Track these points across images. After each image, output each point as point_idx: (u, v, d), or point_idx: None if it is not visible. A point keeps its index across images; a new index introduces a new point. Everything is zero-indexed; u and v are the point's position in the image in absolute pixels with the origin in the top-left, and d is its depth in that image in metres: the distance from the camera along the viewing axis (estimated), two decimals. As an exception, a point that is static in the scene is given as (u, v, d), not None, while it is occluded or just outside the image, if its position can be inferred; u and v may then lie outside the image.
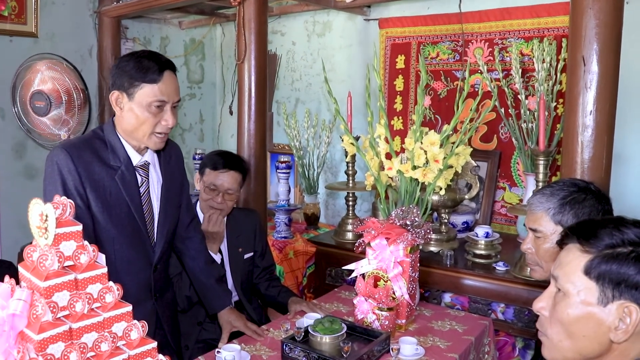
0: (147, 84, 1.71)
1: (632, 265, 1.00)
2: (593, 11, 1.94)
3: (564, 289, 1.06)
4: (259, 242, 2.59)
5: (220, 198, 2.37)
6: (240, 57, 2.83)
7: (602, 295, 1.01)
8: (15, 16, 3.41)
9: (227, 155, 2.45)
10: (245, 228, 2.54)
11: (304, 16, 4.03)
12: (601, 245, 1.03)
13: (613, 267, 1.01)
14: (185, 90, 4.49)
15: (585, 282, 1.03)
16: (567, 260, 1.08)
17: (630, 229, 1.04)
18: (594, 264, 1.03)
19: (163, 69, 1.74)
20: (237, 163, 2.43)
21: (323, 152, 3.69)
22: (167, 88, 1.74)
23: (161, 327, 1.97)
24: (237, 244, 2.51)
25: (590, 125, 1.98)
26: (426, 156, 2.27)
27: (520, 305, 2.40)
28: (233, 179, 2.38)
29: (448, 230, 2.77)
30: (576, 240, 1.08)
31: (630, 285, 0.99)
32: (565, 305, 1.06)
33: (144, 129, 1.76)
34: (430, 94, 3.42)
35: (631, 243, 1.02)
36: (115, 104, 1.76)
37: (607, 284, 1.01)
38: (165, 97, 1.74)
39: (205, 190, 2.38)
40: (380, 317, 1.98)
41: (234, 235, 2.50)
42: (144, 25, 4.17)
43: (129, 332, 1.18)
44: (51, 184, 1.71)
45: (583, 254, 1.05)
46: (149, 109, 1.73)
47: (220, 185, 2.36)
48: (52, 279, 1.07)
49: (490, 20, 3.17)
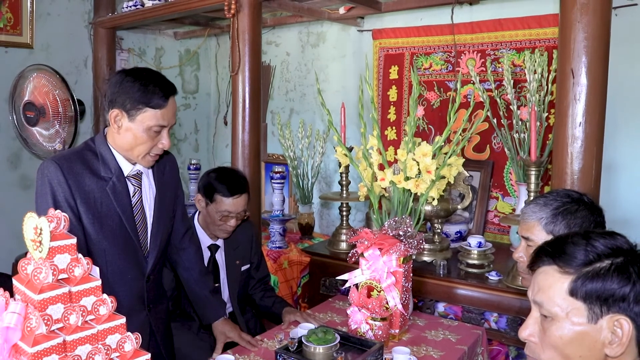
0: (151, 108, 1.73)
1: (615, 278, 1.00)
2: (581, 24, 1.97)
3: (551, 313, 1.06)
4: (255, 253, 2.60)
5: (234, 221, 2.38)
6: (234, 69, 2.85)
7: (591, 313, 1.02)
8: (10, 27, 3.43)
9: (234, 179, 2.40)
10: (242, 239, 2.55)
11: (298, 27, 4.07)
12: (578, 264, 1.04)
13: (598, 285, 1.01)
14: (180, 101, 4.50)
15: (572, 304, 1.03)
16: (548, 284, 1.07)
17: (599, 241, 1.05)
18: (579, 285, 1.02)
19: (168, 95, 1.77)
20: (244, 183, 2.42)
21: (317, 162, 3.71)
22: (168, 114, 1.78)
23: (154, 338, 1.98)
24: (235, 257, 2.51)
25: (579, 136, 2.01)
26: (419, 167, 2.29)
27: (513, 315, 2.41)
28: (244, 200, 2.39)
29: (441, 240, 2.79)
30: (552, 262, 1.08)
31: (617, 298, 1.00)
32: (556, 329, 1.05)
33: (140, 149, 1.78)
34: (423, 104, 3.45)
35: (605, 255, 1.03)
36: (113, 122, 1.76)
37: (594, 301, 1.01)
38: (166, 122, 1.78)
39: (219, 217, 2.36)
40: (373, 327, 1.99)
41: (231, 247, 2.50)
42: (139, 36, 4.19)
43: (123, 344, 1.18)
44: (42, 197, 1.72)
45: (563, 275, 1.05)
46: (148, 132, 1.75)
47: (235, 210, 2.36)
48: (46, 292, 1.08)
49: (483, 31, 3.21)
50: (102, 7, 3.78)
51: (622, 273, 1.01)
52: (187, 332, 2.35)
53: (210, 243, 2.45)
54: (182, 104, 4.52)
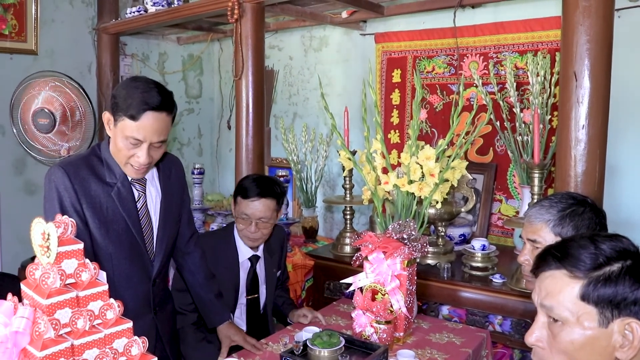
0: (127, 118, 1.70)
1: (627, 282, 1.00)
2: (584, 27, 1.97)
3: (561, 318, 1.05)
4: (283, 256, 2.57)
5: (254, 227, 2.27)
6: (237, 74, 2.87)
7: (602, 317, 1.01)
8: (15, 34, 3.46)
9: (258, 181, 2.32)
10: (275, 246, 2.50)
11: (301, 31, 4.08)
12: (588, 268, 1.03)
13: (610, 290, 1.00)
14: (184, 105, 4.52)
15: (583, 308, 1.02)
16: (557, 288, 1.06)
17: (605, 244, 1.04)
18: (590, 290, 1.01)
19: (145, 110, 1.69)
20: (269, 189, 2.30)
21: (321, 166, 3.72)
22: (145, 129, 1.70)
23: (161, 342, 1.99)
24: (272, 265, 2.45)
25: (582, 139, 2.01)
26: (422, 170, 2.29)
27: (517, 317, 2.41)
28: (265, 206, 2.27)
29: (445, 243, 2.79)
30: (560, 266, 1.06)
31: (629, 302, 1.00)
32: (566, 334, 1.04)
33: (120, 157, 1.77)
34: (426, 107, 3.45)
35: (615, 259, 1.02)
36: (106, 124, 1.78)
37: (606, 306, 1.00)
38: (141, 137, 1.71)
39: (238, 220, 2.31)
40: (378, 330, 1.99)
41: (269, 256, 2.44)
42: (142, 42, 4.21)
43: (130, 348, 1.19)
44: (49, 202, 1.74)
45: (573, 279, 1.04)
46: (125, 141, 1.73)
47: (252, 214, 2.27)
48: (54, 297, 1.09)
49: (485, 34, 3.22)
50: (105, 13, 3.80)
51: (633, 276, 1.00)
52: (194, 336, 2.35)
53: (252, 254, 2.39)
54: (185, 109, 4.54)
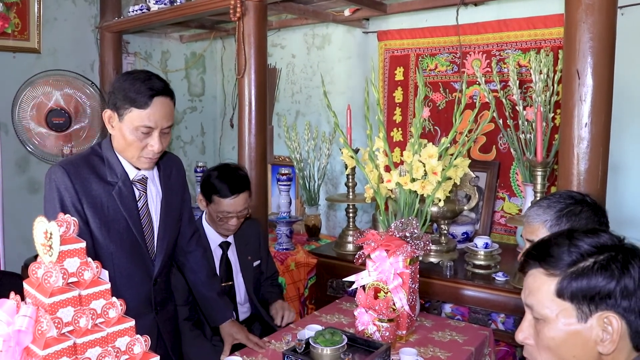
0: (136, 108, 1.70)
1: (599, 276, 1.01)
2: (587, 25, 1.96)
3: (541, 315, 1.07)
4: (263, 249, 2.64)
5: (236, 220, 2.37)
6: (240, 72, 2.86)
7: (580, 312, 1.03)
8: (18, 33, 3.46)
9: (231, 179, 2.35)
10: (250, 235, 2.57)
11: (304, 29, 4.08)
12: (563, 265, 1.05)
13: (583, 284, 1.02)
14: (187, 104, 4.53)
15: (560, 305, 1.04)
16: (536, 286, 1.09)
17: (583, 240, 1.05)
18: (564, 285, 1.04)
19: (153, 96, 1.71)
20: (243, 184, 2.38)
21: (323, 164, 3.72)
22: (155, 115, 1.72)
23: (162, 341, 1.99)
24: (246, 252, 2.53)
25: (585, 137, 2.00)
26: (425, 168, 2.29)
27: (520, 316, 2.39)
28: (243, 200, 2.36)
29: (448, 241, 2.79)
30: (538, 265, 1.09)
31: (604, 295, 1.01)
32: (548, 331, 1.07)
33: (131, 150, 1.76)
34: (429, 105, 3.45)
35: (589, 254, 1.04)
36: (107, 122, 1.77)
37: (581, 300, 1.02)
38: (153, 124, 1.72)
39: (218, 218, 2.36)
40: (380, 329, 1.99)
41: (242, 243, 2.52)
42: (145, 40, 4.21)
43: (132, 347, 1.19)
44: (49, 202, 1.73)
45: (549, 277, 1.06)
46: (135, 132, 1.73)
47: (233, 211, 2.34)
48: (56, 295, 1.09)
49: (488, 32, 3.21)
50: (108, 12, 3.80)
51: (605, 270, 1.01)
52: (198, 337, 2.36)
53: (222, 241, 2.46)
54: (188, 107, 4.54)
